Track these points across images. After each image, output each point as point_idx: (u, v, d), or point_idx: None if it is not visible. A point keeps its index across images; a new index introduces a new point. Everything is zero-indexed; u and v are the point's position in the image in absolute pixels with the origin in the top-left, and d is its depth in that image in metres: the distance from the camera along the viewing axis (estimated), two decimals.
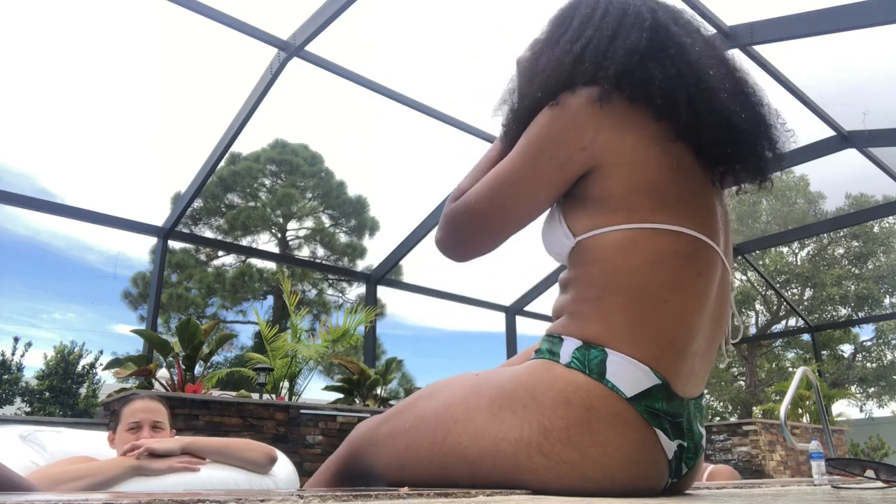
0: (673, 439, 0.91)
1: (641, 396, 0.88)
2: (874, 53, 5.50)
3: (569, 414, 0.87)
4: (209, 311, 15.69)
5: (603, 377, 0.88)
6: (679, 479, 0.96)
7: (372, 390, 5.75)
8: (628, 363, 0.88)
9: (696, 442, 0.96)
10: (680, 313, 0.92)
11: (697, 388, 0.98)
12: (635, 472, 0.87)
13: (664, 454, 0.90)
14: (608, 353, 0.89)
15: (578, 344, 0.92)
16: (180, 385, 4.65)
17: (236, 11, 4.33)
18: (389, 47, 5.76)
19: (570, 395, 0.88)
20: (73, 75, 13.74)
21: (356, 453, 1.10)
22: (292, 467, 2.38)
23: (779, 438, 7.19)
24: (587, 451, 0.86)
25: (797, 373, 3.16)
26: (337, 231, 16.92)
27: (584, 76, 0.98)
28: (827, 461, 1.75)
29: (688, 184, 0.97)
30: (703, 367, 0.99)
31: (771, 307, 19.51)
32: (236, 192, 16.31)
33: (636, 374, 0.88)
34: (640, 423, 0.88)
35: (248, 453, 2.11)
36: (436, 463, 0.95)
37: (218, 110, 5.41)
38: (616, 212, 0.94)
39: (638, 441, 0.87)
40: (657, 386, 0.89)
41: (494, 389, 0.95)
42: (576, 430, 0.86)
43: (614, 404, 0.87)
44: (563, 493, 0.86)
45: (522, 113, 1.04)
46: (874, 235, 18.30)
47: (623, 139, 0.95)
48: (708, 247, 0.95)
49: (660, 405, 0.89)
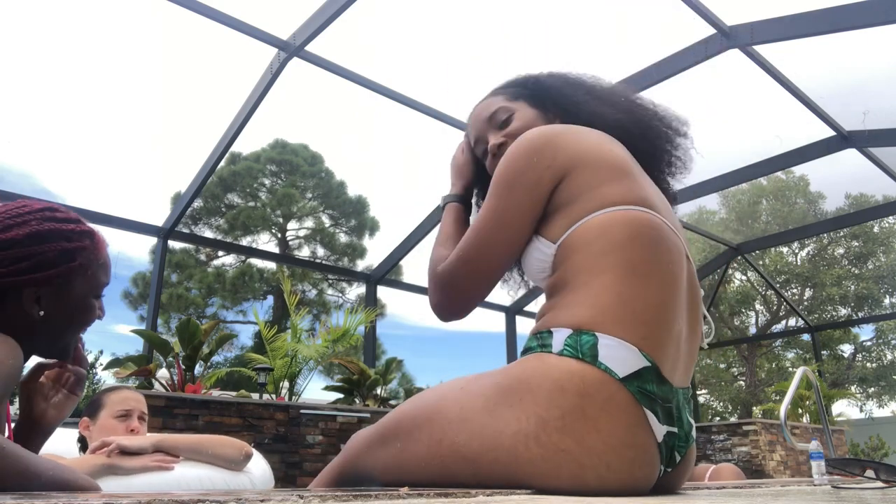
0: (663, 424, 0.93)
1: (633, 377, 0.90)
2: (874, 53, 5.50)
3: (564, 402, 0.88)
4: (209, 311, 15.70)
5: (596, 360, 0.90)
6: (672, 468, 0.98)
7: (372, 390, 5.75)
8: (618, 345, 0.92)
9: (686, 431, 0.99)
10: (662, 287, 0.98)
11: (684, 378, 1.01)
12: (629, 458, 0.88)
13: (654, 437, 0.91)
14: (599, 337, 0.92)
15: (569, 332, 0.95)
16: (180, 385, 4.65)
17: (236, 11, 4.33)
18: (389, 47, 5.75)
19: (565, 383, 0.90)
20: (74, 75, 13.75)
21: (352, 461, 1.12)
22: (267, 466, 2.30)
23: (779, 438, 7.19)
24: (583, 438, 0.87)
25: (797, 373, 3.16)
26: (337, 231, 16.94)
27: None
28: (827, 461, 1.76)
29: (642, 176, 1.11)
30: (688, 354, 1.03)
31: (771, 307, 19.51)
32: (236, 192, 16.32)
33: (626, 356, 0.91)
34: (633, 405, 0.90)
35: (222, 450, 2.04)
36: (435, 464, 0.96)
37: (218, 110, 5.41)
38: (590, 201, 1.02)
39: (630, 425, 0.89)
40: (647, 368, 0.92)
41: (489, 388, 0.96)
42: (571, 417, 0.88)
43: (608, 387, 0.89)
44: (563, 482, 0.87)
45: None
46: (874, 235, 18.30)
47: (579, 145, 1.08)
48: (671, 230, 1.05)
49: (651, 387, 0.92)
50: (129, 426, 1.99)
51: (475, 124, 1.33)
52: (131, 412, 2.01)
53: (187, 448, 1.99)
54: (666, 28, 5.03)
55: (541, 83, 1.30)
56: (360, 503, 0.63)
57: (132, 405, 2.03)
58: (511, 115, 1.26)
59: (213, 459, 2.03)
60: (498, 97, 1.31)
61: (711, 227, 16.63)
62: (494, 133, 1.28)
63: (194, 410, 4.23)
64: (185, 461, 1.97)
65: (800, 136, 5.82)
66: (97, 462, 1.79)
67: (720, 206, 20.02)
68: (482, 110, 1.32)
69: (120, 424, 1.98)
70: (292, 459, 4.55)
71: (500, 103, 1.29)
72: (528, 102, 1.28)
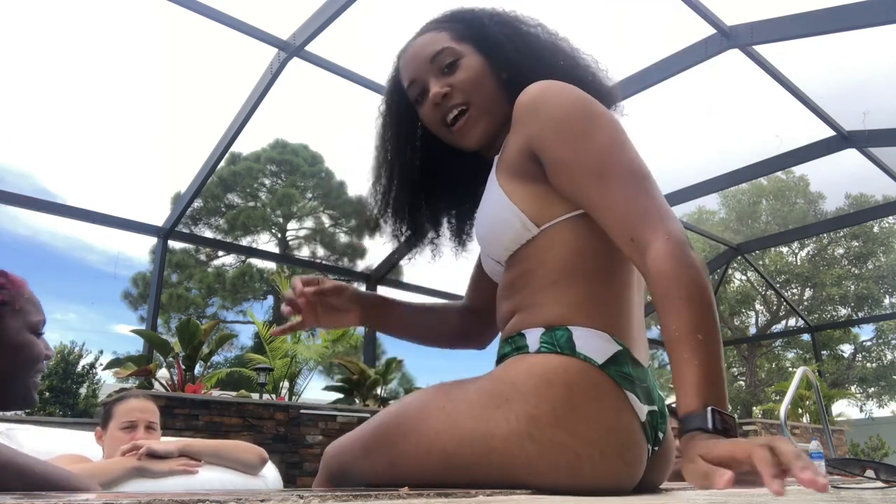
0: (644, 403, 0.93)
1: (610, 362, 0.91)
2: (874, 53, 5.50)
3: (552, 395, 0.88)
4: (209, 311, 15.70)
5: (574, 351, 0.91)
6: (658, 446, 0.99)
7: (372, 390, 5.75)
8: (591, 334, 0.93)
9: (661, 406, 1.00)
10: (625, 287, 0.99)
11: (646, 358, 1.02)
12: (619, 442, 0.88)
13: (638, 418, 0.92)
14: (572, 330, 0.93)
15: (541, 330, 0.95)
16: (180, 385, 4.65)
17: (236, 11, 4.33)
18: (389, 47, 5.75)
19: (550, 377, 0.89)
20: (74, 75, 13.75)
21: (335, 475, 1.09)
22: (276, 469, 2.39)
23: None
24: (575, 428, 0.87)
25: (797, 373, 3.15)
26: (337, 231, 16.94)
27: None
28: (827, 461, 1.75)
29: None
30: (644, 336, 1.03)
31: (771, 307, 19.51)
32: (236, 192, 16.32)
33: (601, 343, 0.92)
34: (615, 389, 0.90)
35: (241, 455, 2.11)
36: (428, 475, 0.95)
37: (218, 110, 5.41)
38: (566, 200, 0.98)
39: (615, 409, 0.89)
40: (620, 352, 0.93)
41: (473, 392, 0.95)
42: (561, 409, 0.87)
43: (590, 375, 0.90)
44: (560, 476, 0.87)
45: None
46: (874, 235, 18.31)
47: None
48: None
49: (627, 369, 0.92)
50: (134, 438, 1.98)
51: (413, 62, 1.15)
52: (136, 423, 2.02)
53: (209, 453, 2.04)
54: (666, 28, 5.03)
55: (490, 33, 1.13)
56: (360, 503, 0.63)
57: (136, 416, 2.03)
58: (457, 60, 1.11)
59: (233, 464, 2.08)
60: (442, 34, 1.14)
61: (711, 227, 16.64)
62: (437, 78, 1.12)
63: (194, 410, 4.23)
64: (206, 465, 2.01)
65: (800, 136, 5.82)
66: (128, 465, 1.83)
67: (720, 206, 20.05)
68: (424, 46, 1.14)
69: (126, 436, 1.98)
70: (292, 459, 4.56)
71: (446, 42, 1.13)
72: (474, 47, 1.12)
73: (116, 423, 2.02)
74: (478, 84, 1.11)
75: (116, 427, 2.01)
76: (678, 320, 0.78)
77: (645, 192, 0.89)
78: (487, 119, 1.11)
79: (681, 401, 0.75)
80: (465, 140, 1.13)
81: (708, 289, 0.81)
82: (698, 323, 0.78)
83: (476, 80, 1.11)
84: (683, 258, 0.82)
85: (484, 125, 1.11)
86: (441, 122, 1.13)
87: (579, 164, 0.93)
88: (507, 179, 1.03)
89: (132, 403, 2.07)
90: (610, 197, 0.90)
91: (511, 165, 1.03)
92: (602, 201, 0.91)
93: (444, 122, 1.13)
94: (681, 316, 0.78)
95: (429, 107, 1.13)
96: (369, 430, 1.04)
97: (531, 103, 0.99)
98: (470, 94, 1.10)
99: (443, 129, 1.14)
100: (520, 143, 1.01)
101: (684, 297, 0.79)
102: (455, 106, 1.11)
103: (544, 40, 1.16)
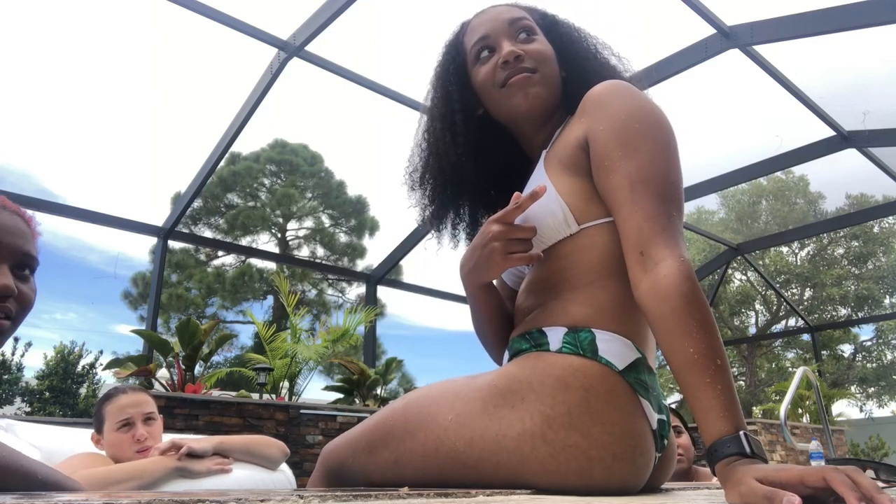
0: (655, 412, 0.94)
1: (630, 369, 0.92)
2: (874, 53, 5.50)
3: (569, 398, 0.88)
4: (209, 311, 15.68)
5: (596, 355, 0.91)
6: (662, 451, 1.00)
7: (372, 390, 5.75)
8: (614, 339, 0.93)
9: (666, 413, 1.01)
10: None
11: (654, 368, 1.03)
12: (632, 446, 0.89)
13: (649, 425, 0.92)
14: (596, 333, 0.93)
15: (565, 330, 0.95)
16: (180, 385, 4.65)
17: (236, 11, 4.33)
18: (389, 47, 5.76)
19: (569, 379, 0.89)
20: (74, 75, 13.75)
21: (335, 470, 1.08)
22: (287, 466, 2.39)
23: (779, 438, 7.19)
24: (589, 431, 0.87)
25: (797, 373, 3.15)
26: (337, 231, 16.92)
27: None
28: (827, 461, 1.76)
29: None
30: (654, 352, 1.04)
31: (771, 307, 19.51)
32: (236, 192, 16.30)
33: (623, 349, 0.93)
34: (631, 395, 0.91)
35: (267, 450, 2.06)
36: (433, 473, 0.95)
37: (218, 110, 5.42)
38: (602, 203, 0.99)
39: (630, 414, 0.90)
40: (639, 359, 0.94)
41: (485, 390, 0.94)
42: (577, 412, 0.87)
43: (609, 380, 0.90)
44: (570, 478, 0.87)
45: None
46: (874, 235, 18.30)
47: None
48: None
49: (644, 377, 0.93)
50: (134, 435, 1.89)
51: (490, 21, 1.15)
52: (131, 419, 1.92)
53: (241, 450, 2.00)
54: (666, 28, 5.04)
55: (562, 31, 1.19)
56: (360, 503, 0.63)
57: (129, 413, 1.92)
58: (534, 34, 1.14)
59: (260, 460, 2.05)
60: (523, 11, 1.17)
61: (711, 227, 16.64)
62: (511, 40, 1.12)
63: (194, 410, 4.23)
64: (235, 462, 1.98)
65: (800, 136, 5.83)
66: (169, 465, 1.77)
67: (720, 206, 20.05)
68: (506, 10, 1.17)
69: (125, 436, 1.89)
70: (292, 459, 4.53)
71: (527, 17, 1.16)
72: (546, 37, 1.16)
73: (111, 424, 1.92)
74: (549, 61, 1.13)
75: (112, 428, 1.92)
76: (696, 343, 0.79)
77: (668, 214, 0.90)
78: (547, 93, 1.11)
79: (709, 424, 0.76)
80: (516, 97, 1.10)
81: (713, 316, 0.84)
82: (716, 348, 0.79)
83: (548, 57, 1.13)
84: (696, 282, 0.84)
85: (544, 94, 1.10)
86: (497, 82, 1.12)
87: (620, 166, 0.94)
88: (556, 172, 1.03)
89: (122, 400, 1.96)
90: (634, 206, 0.91)
91: (562, 157, 1.03)
92: (625, 207, 0.92)
93: (499, 83, 1.11)
94: (698, 339, 0.79)
95: (492, 65, 1.12)
96: (373, 426, 1.03)
97: (601, 96, 1.01)
98: (540, 64, 1.11)
99: (494, 90, 1.13)
100: (579, 133, 1.02)
101: (699, 321, 0.80)
102: (524, 69, 1.10)
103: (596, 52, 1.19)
